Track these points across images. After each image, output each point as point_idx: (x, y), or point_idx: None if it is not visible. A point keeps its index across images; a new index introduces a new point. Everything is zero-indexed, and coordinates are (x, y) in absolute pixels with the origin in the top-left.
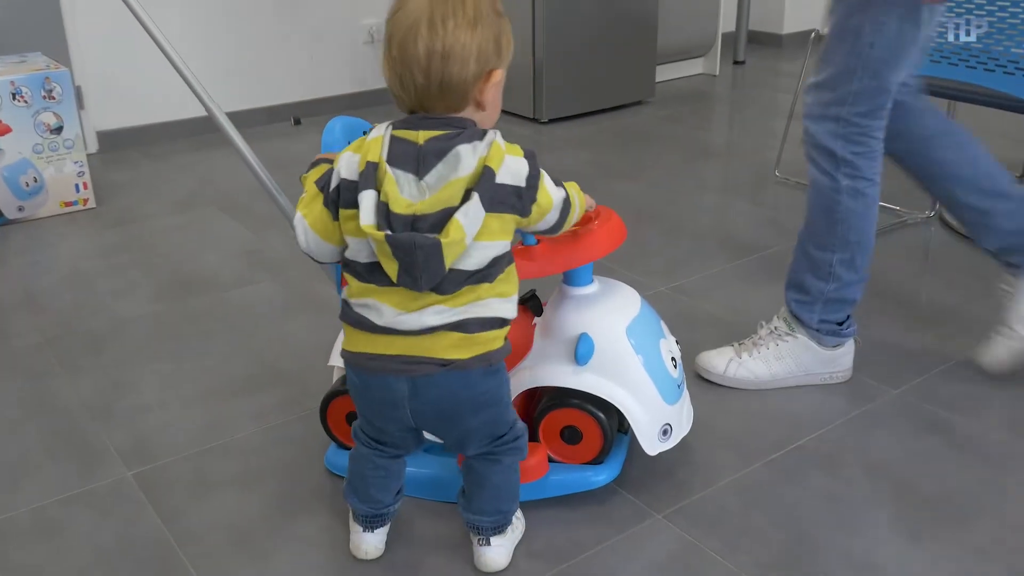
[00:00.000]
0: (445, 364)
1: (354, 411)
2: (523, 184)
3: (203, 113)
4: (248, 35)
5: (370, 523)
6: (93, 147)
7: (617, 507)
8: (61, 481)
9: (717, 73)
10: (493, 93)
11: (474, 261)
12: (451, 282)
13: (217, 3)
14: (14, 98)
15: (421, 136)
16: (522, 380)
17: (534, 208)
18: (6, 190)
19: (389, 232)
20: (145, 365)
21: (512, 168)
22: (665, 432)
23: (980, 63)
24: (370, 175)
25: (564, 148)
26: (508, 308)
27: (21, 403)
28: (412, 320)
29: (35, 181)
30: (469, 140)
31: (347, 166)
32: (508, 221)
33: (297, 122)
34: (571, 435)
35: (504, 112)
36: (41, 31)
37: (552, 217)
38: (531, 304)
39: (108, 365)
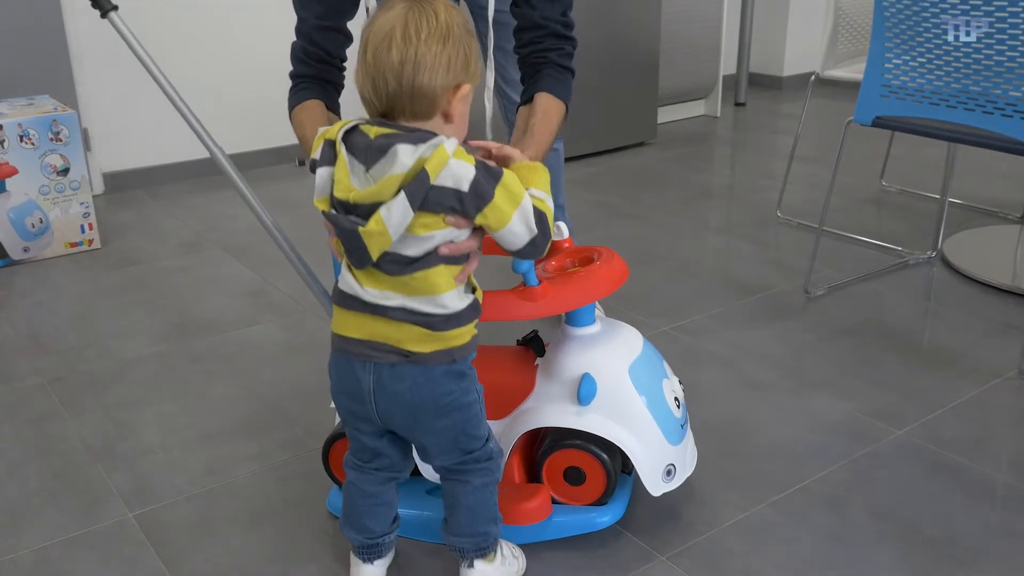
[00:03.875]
0: (407, 355)
1: None
2: (465, 189)
3: (209, 155)
4: (255, 77)
5: (367, 554)
6: (99, 188)
7: (621, 549)
8: (63, 523)
9: (718, 115)
10: (461, 107)
11: (414, 250)
12: (393, 263)
13: (224, 45)
14: (21, 140)
15: (374, 131)
16: (525, 421)
17: (488, 213)
18: (12, 231)
19: (332, 212)
20: (148, 406)
21: (455, 172)
22: (669, 472)
23: (978, 106)
24: (327, 153)
25: (567, 189)
26: (465, 302)
27: (23, 444)
28: (374, 294)
29: (41, 222)
30: (413, 142)
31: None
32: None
33: (302, 163)
34: (574, 476)
35: None
36: (49, 74)
37: (517, 227)
38: (533, 344)
39: (111, 406)
